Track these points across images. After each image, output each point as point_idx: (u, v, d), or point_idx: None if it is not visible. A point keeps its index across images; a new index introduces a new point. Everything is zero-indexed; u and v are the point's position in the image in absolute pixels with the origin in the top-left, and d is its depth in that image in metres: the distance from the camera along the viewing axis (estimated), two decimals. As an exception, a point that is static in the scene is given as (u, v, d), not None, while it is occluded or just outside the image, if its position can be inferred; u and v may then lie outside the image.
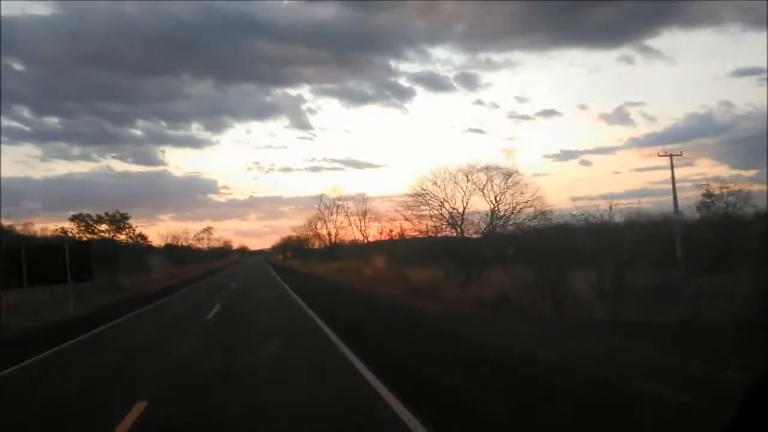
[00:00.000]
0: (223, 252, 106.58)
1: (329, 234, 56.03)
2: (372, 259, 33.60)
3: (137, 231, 44.33)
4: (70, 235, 39.37)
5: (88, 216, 41.57)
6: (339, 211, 52.62)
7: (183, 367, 8.85)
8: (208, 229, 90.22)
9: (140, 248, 45.42)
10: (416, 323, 12.71)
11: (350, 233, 53.23)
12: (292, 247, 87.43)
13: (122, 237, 42.73)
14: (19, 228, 41.44)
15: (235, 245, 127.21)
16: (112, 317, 17.47)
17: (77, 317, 18.40)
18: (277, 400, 6.38)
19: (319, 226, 58.60)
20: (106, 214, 42.26)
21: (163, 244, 61.60)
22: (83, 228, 40.78)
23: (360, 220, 49.88)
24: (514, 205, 20.25)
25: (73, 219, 41.41)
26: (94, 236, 39.94)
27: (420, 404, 5.68)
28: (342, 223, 52.92)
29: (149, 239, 50.37)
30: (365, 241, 49.10)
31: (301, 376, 7.67)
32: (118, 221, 42.18)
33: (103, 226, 41.64)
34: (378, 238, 45.86)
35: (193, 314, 17.67)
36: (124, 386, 7.78)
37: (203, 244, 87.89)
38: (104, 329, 15.18)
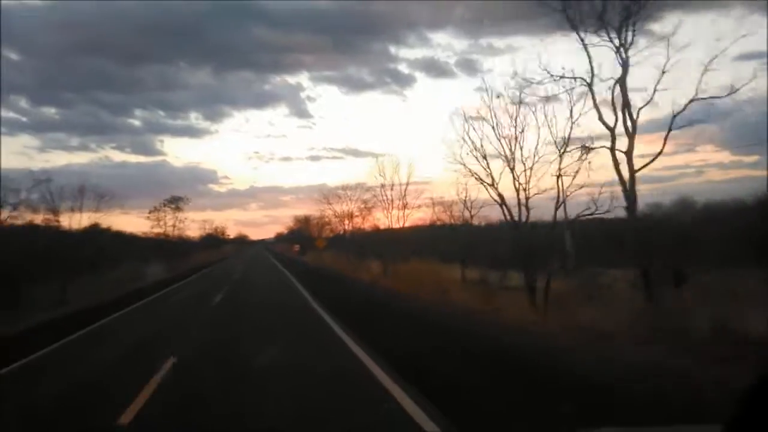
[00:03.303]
0: (213, 241, 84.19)
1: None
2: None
3: None
4: None
5: None
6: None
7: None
8: (174, 202, 51.37)
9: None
10: None
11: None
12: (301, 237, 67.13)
13: None
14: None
15: (234, 234, 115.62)
16: None
17: None
18: None
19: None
20: None
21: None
22: None
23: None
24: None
25: None
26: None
27: None
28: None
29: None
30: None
31: None
32: None
33: None
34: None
35: None
36: None
37: (167, 228, 50.86)
38: None
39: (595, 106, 12.83)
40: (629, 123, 12.28)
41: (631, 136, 12.27)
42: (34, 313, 16.40)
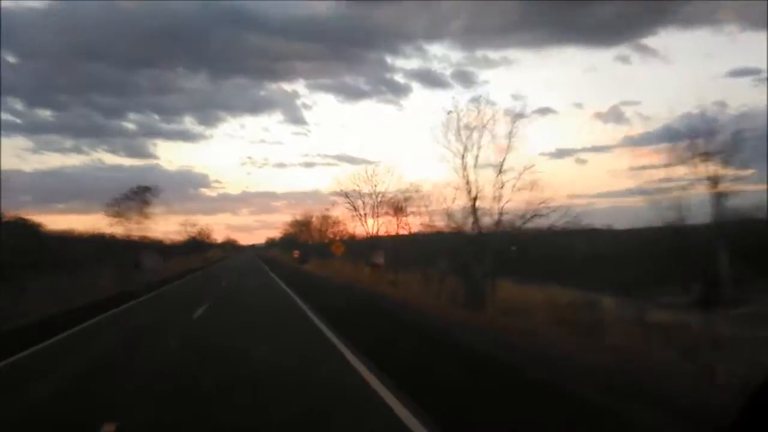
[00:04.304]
0: (195, 246, 72.74)
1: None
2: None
3: None
4: None
5: None
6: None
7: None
8: (140, 193, 36.62)
9: None
10: None
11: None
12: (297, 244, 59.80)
13: None
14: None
15: (222, 238, 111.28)
16: None
17: None
18: None
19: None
20: None
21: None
22: None
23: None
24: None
25: None
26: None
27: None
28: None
29: None
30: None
31: None
32: None
33: None
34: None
35: None
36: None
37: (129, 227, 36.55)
38: None
39: None
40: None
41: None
42: None
